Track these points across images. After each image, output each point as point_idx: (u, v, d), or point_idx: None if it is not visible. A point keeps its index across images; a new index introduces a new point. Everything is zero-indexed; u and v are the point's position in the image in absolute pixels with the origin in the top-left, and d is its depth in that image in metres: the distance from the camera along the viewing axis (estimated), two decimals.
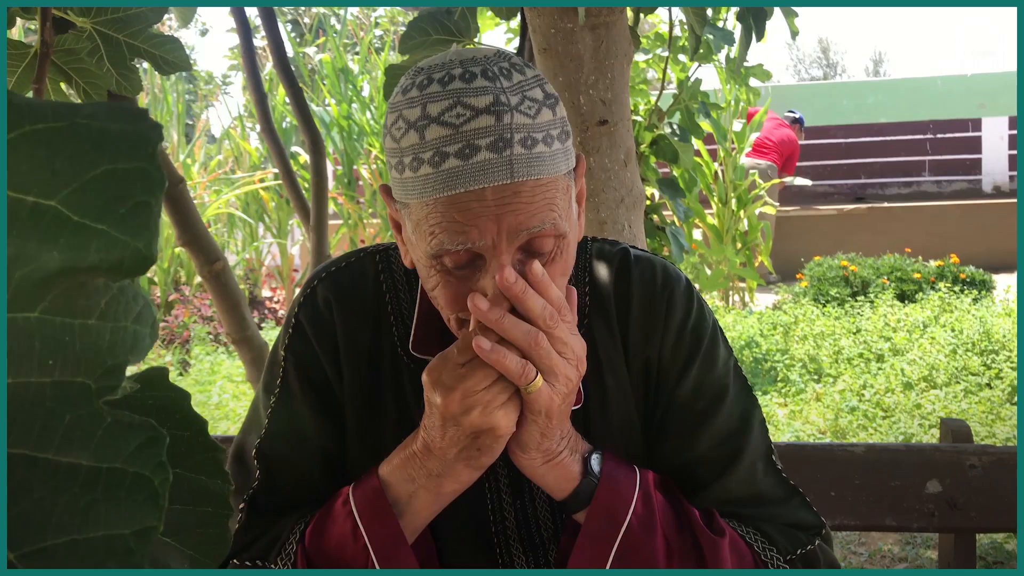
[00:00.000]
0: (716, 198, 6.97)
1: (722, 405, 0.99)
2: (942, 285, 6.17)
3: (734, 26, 2.05)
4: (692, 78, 2.63)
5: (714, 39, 2.16)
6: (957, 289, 6.15)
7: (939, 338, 4.99)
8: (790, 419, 4.16)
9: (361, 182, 7.64)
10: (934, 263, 6.54)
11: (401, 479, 0.90)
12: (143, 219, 0.28)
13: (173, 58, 1.25)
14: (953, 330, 5.11)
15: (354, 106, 7.61)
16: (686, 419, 0.98)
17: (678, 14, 2.42)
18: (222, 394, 4.75)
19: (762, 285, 7.46)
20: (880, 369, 4.67)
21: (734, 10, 2.03)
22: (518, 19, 2.09)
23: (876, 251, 7.04)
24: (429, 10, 1.72)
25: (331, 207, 7.30)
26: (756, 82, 3.24)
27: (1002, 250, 7.97)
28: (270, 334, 5.74)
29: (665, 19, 3.54)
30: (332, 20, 12.75)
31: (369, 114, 7.57)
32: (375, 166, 7.42)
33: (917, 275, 6.29)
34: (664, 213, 2.86)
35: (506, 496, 0.99)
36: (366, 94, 7.82)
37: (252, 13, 7.68)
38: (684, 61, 3.21)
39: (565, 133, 0.85)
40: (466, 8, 1.70)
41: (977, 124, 10.17)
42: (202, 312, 6.53)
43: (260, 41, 10.14)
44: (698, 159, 6.76)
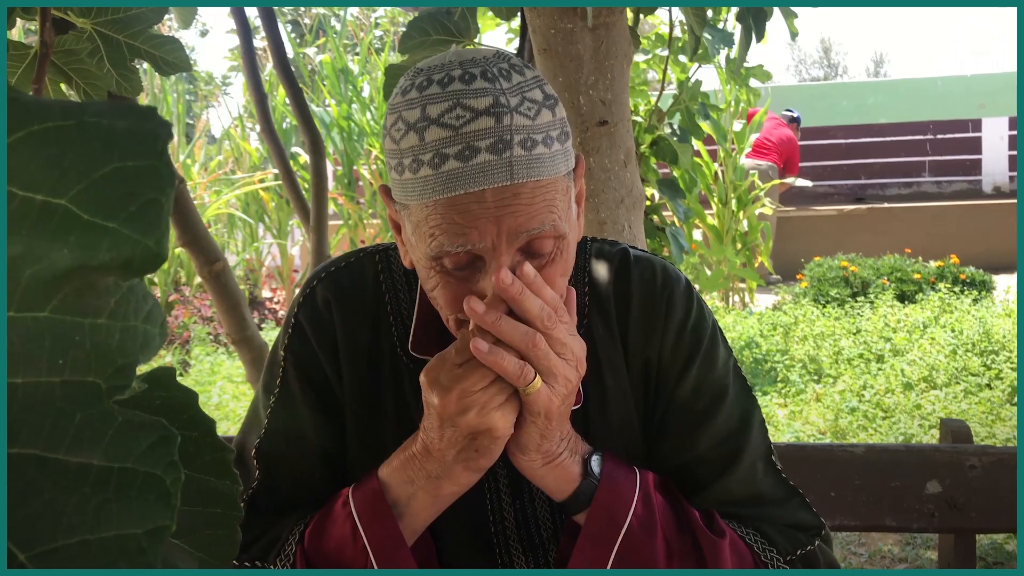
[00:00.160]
0: (716, 199, 6.97)
1: (722, 405, 0.99)
2: (942, 286, 6.17)
3: (734, 27, 2.05)
4: (692, 79, 2.63)
5: (713, 40, 2.16)
6: (957, 290, 6.15)
7: (939, 339, 4.99)
8: (790, 419, 4.16)
9: (361, 183, 7.63)
10: (934, 264, 6.54)
11: (400, 481, 0.90)
12: (153, 216, 0.28)
13: (173, 59, 1.25)
14: (953, 331, 5.11)
15: (354, 107, 7.61)
16: (686, 419, 0.98)
17: (678, 15, 2.42)
18: (222, 394, 4.75)
19: (762, 286, 7.46)
20: (880, 370, 4.67)
21: (734, 11, 2.03)
22: (518, 19, 2.09)
23: (876, 252, 7.04)
24: (429, 10, 1.72)
25: (331, 207, 7.30)
26: (756, 83, 3.23)
27: (1002, 251, 7.97)
28: (270, 334, 5.74)
29: (665, 20, 3.54)
30: (332, 21, 12.74)
31: (369, 115, 7.57)
32: (375, 167, 7.42)
33: (917, 276, 6.29)
34: (664, 214, 2.86)
35: (505, 496, 0.99)
36: (366, 95, 7.82)
37: (252, 14, 7.67)
38: (684, 62, 3.21)
39: (565, 134, 0.85)
40: (466, 8, 1.70)
41: (977, 124, 10.17)
42: (202, 312, 6.53)
43: (260, 42, 10.14)
44: (698, 160, 6.76)
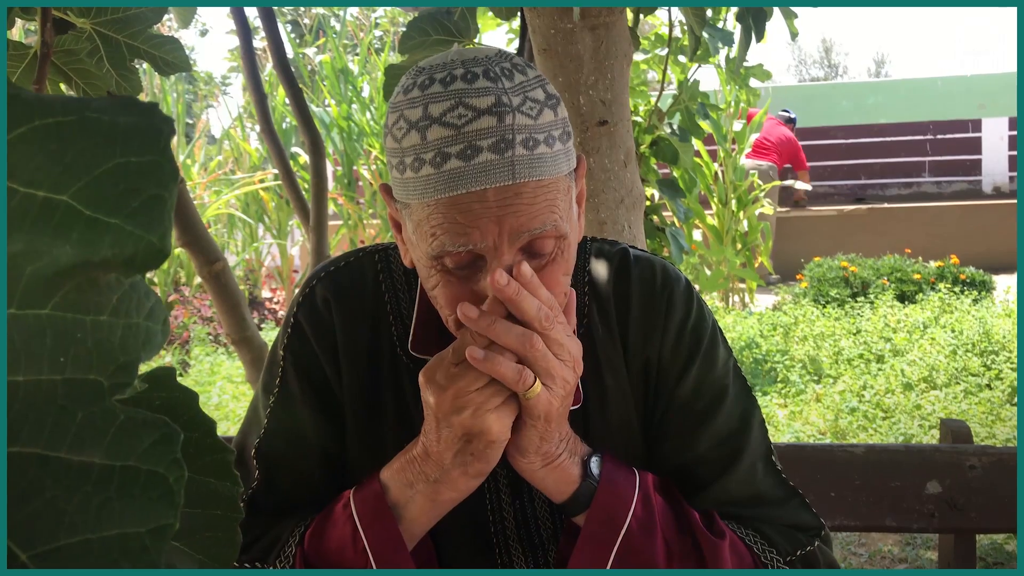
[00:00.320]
0: (716, 199, 6.97)
1: (722, 405, 0.98)
2: (942, 286, 6.17)
3: (734, 26, 2.05)
4: (692, 79, 2.63)
5: (713, 39, 2.16)
6: (957, 290, 6.16)
7: (939, 339, 4.99)
8: (790, 420, 4.16)
9: (361, 183, 7.64)
10: (934, 264, 6.55)
11: (400, 483, 0.89)
12: (156, 212, 0.28)
13: (173, 59, 1.25)
14: (953, 331, 5.11)
15: (354, 107, 7.61)
16: (686, 419, 0.98)
17: (678, 15, 2.42)
18: (222, 395, 4.75)
19: (762, 286, 7.46)
20: (880, 370, 4.67)
21: (734, 10, 2.02)
22: (518, 19, 2.09)
23: (876, 252, 7.04)
24: (429, 10, 1.72)
25: (331, 208, 7.30)
26: (756, 82, 3.23)
27: (1002, 251, 7.98)
28: (270, 335, 5.75)
29: (665, 20, 3.53)
30: (332, 21, 12.74)
31: (369, 115, 7.57)
32: (375, 167, 7.42)
33: (917, 276, 6.29)
34: (664, 214, 2.86)
35: (505, 496, 0.98)
36: (366, 95, 7.82)
37: (252, 14, 7.68)
38: (684, 62, 3.21)
39: (566, 134, 0.85)
40: (466, 8, 1.70)
41: (977, 125, 10.18)
42: (202, 313, 6.53)
43: (260, 42, 10.15)
44: (698, 160, 6.77)
